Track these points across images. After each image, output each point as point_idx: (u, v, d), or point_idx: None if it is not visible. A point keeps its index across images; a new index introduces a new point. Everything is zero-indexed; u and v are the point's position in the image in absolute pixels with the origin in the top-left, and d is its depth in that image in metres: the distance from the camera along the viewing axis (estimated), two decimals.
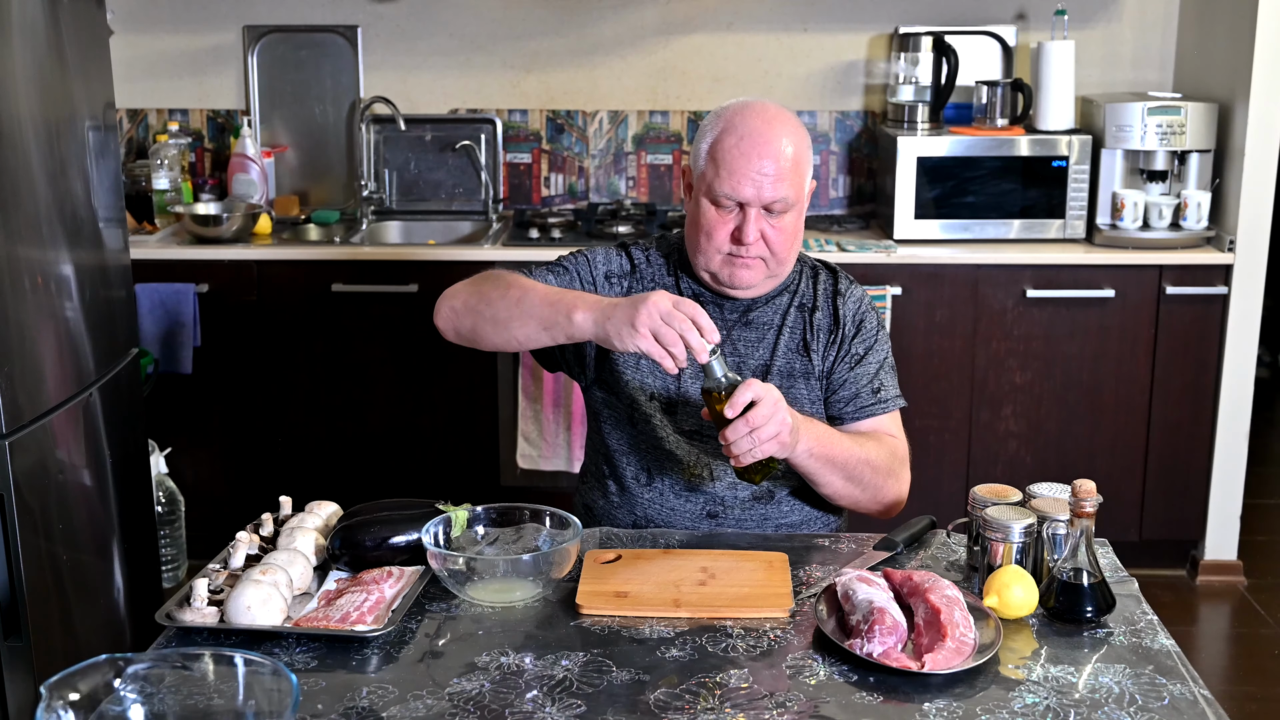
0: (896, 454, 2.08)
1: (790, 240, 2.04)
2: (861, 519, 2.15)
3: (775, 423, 1.81)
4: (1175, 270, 3.54)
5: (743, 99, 2.06)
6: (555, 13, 3.98)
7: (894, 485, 2.06)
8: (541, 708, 1.48)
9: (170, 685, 1.37)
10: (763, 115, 2.00)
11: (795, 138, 2.01)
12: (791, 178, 1.99)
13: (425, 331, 3.59)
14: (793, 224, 2.03)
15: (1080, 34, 3.89)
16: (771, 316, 2.12)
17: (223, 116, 4.08)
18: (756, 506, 2.09)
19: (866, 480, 2.01)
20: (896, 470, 2.07)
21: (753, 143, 1.98)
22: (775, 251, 2.02)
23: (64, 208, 2.58)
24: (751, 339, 2.11)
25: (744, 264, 2.03)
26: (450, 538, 1.79)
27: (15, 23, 2.38)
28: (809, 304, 2.13)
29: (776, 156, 1.98)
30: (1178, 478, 3.68)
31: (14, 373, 2.35)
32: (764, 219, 2.00)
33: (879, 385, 2.11)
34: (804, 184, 2.04)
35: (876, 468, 2.02)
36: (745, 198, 1.98)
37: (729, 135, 1.99)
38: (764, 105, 2.03)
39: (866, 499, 2.05)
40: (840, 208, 4.09)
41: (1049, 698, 1.50)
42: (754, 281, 2.06)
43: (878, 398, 2.11)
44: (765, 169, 1.97)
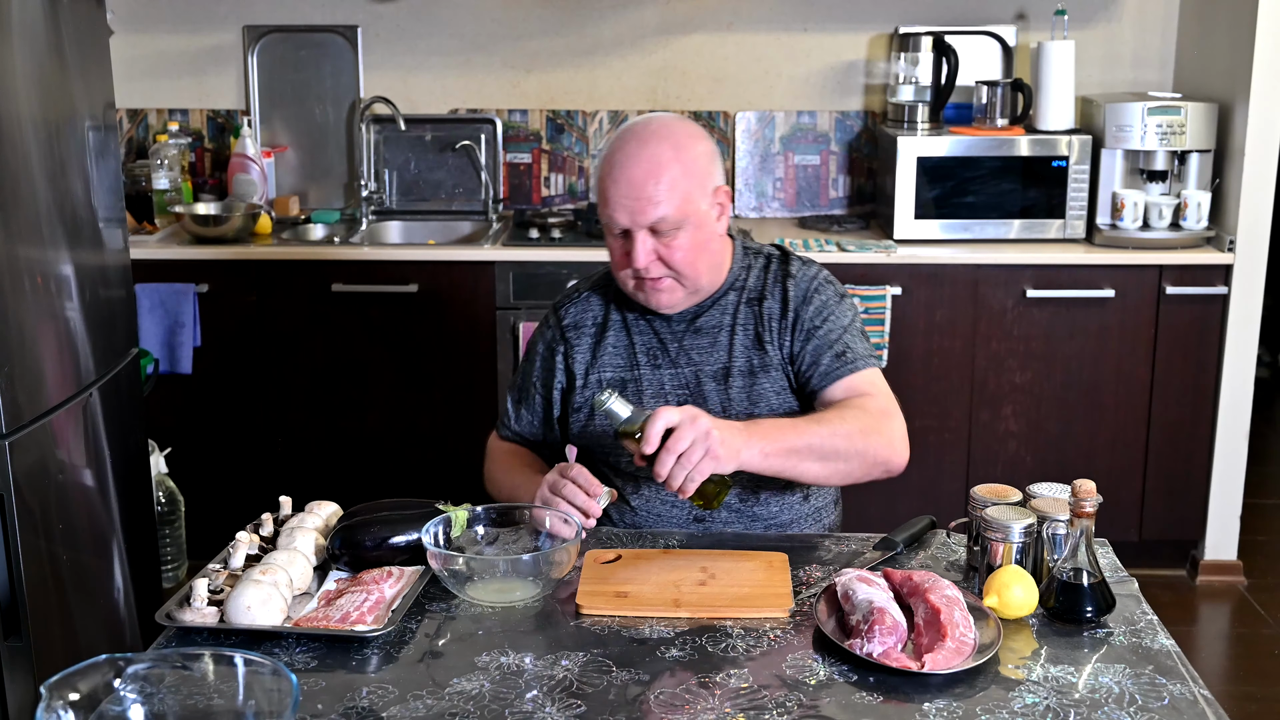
0: (873, 411, 1.99)
1: (692, 256, 2.00)
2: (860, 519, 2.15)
3: (701, 442, 1.76)
4: (1175, 270, 3.54)
5: (634, 119, 2.04)
6: (555, 13, 3.98)
7: (879, 442, 1.96)
8: (541, 708, 1.48)
9: (170, 685, 1.37)
10: (638, 138, 1.98)
11: (675, 154, 1.97)
12: (670, 196, 1.95)
13: (425, 331, 3.61)
14: (691, 240, 1.99)
15: (1080, 34, 3.89)
16: (720, 318, 2.10)
17: (223, 116, 4.08)
18: (744, 508, 2.08)
19: (844, 451, 1.93)
20: (878, 427, 1.97)
21: (623, 169, 1.96)
22: (680, 270, 2.01)
23: (64, 208, 2.58)
24: (704, 345, 2.10)
25: (654, 287, 2.02)
26: (450, 538, 1.79)
27: (15, 23, 2.38)
28: (757, 295, 2.10)
29: (648, 179, 1.95)
30: (1178, 478, 3.68)
31: (14, 373, 2.35)
32: (654, 240, 1.98)
33: (843, 349, 2.05)
34: (693, 199, 1.98)
35: (850, 434, 1.93)
36: (623, 224, 1.98)
37: (606, 163, 2.00)
38: (644, 125, 2.01)
39: (856, 469, 1.96)
40: (840, 208, 4.09)
41: (1049, 698, 1.50)
42: (673, 302, 2.05)
43: (843, 360, 2.04)
44: (636, 193, 1.95)
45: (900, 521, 1.98)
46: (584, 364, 2.13)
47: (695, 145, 2.01)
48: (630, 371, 2.11)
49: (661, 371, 2.09)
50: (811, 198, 4.09)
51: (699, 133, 2.04)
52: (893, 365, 3.55)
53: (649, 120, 2.03)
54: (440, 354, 3.62)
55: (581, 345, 2.14)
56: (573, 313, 2.17)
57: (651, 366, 2.10)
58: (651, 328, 2.12)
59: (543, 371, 2.18)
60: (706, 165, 2.02)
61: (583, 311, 2.16)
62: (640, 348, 2.11)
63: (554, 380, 2.16)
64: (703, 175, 2.00)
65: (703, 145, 2.02)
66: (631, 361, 2.11)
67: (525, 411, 2.21)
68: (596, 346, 2.13)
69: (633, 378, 2.10)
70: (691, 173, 1.98)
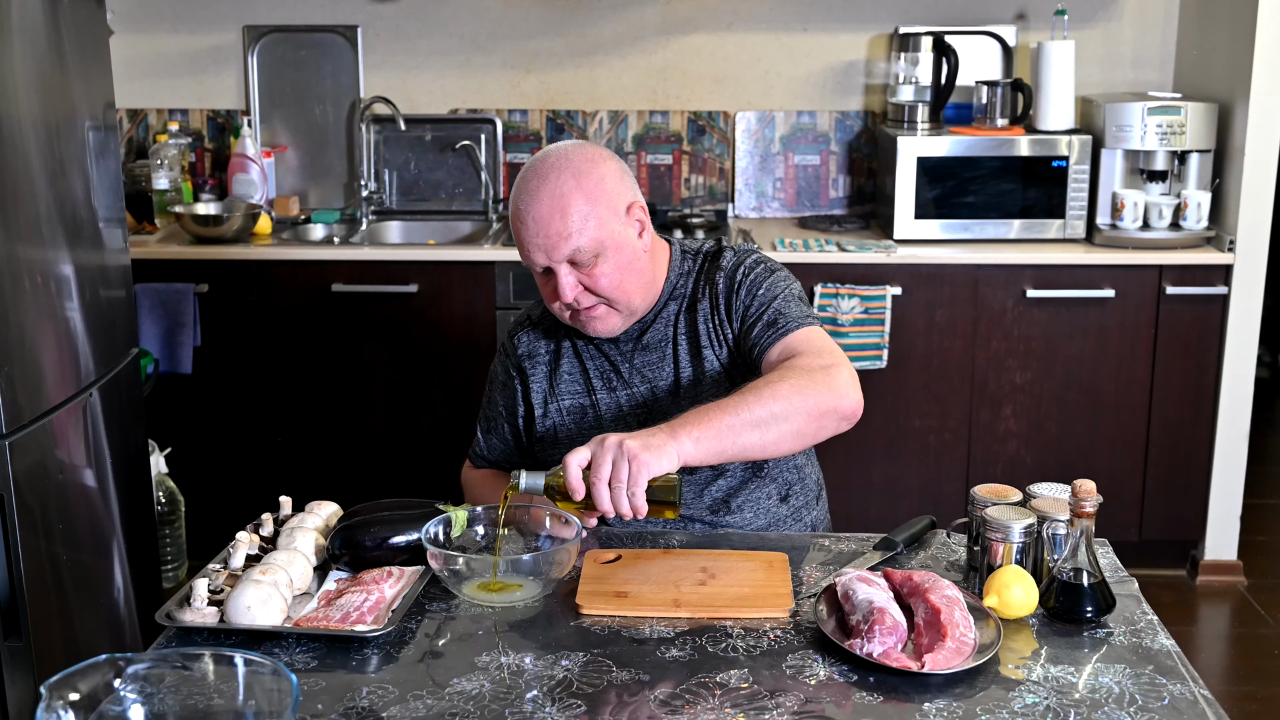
0: (808, 365, 1.88)
1: (617, 281, 1.98)
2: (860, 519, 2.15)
3: (622, 459, 1.68)
4: (1175, 270, 3.54)
5: (536, 155, 2.01)
6: (555, 13, 3.98)
7: (820, 390, 1.84)
8: (541, 708, 1.48)
9: (170, 685, 1.37)
10: (538, 174, 1.95)
11: (576, 184, 1.93)
12: (581, 227, 1.93)
13: (425, 331, 3.61)
14: (613, 265, 1.96)
15: (1080, 34, 3.89)
16: (665, 330, 2.09)
17: (223, 116, 4.08)
18: (717, 519, 2.07)
19: (782, 412, 1.80)
20: (816, 377, 1.85)
21: (528, 207, 1.94)
22: (609, 296, 1.98)
23: (64, 208, 2.58)
24: (653, 360, 2.09)
25: (589, 315, 2.01)
26: (450, 538, 1.79)
27: (15, 23, 2.38)
28: (691, 300, 2.09)
29: (552, 215, 1.93)
30: (1178, 478, 3.68)
31: (14, 373, 2.35)
32: (576, 273, 1.96)
33: (773, 317, 1.99)
34: (604, 225, 1.94)
35: (782, 394, 1.81)
36: (541, 263, 1.96)
37: (513, 205, 1.98)
38: (544, 160, 1.97)
39: (806, 425, 1.83)
40: (840, 208, 4.09)
41: (1049, 698, 1.50)
42: (610, 327, 2.04)
43: (774, 327, 1.98)
44: (543, 230, 1.93)
45: (900, 521, 1.98)
46: (542, 393, 2.13)
47: (595, 169, 1.96)
48: (588, 397, 2.11)
49: (617, 394, 2.09)
50: (811, 198, 4.09)
51: (600, 155, 2.00)
52: (893, 365, 3.55)
53: (546, 154, 1.99)
54: (440, 354, 3.62)
55: (537, 375, 2.14)
56: (525, 342, 2.16)
57: (607, 390, 2.09)
58: (602, 352, 2.11)
59: (505, 399, 2.18)
60: (614, 186, 1.97)
61: (535, 340, 2.16)
62: (594, 373, 2.11)
63: (517, 409, 2.17)
64: (610, 197, 1.96)
65: (604, 167, 1.98)
66: (587, 387, 2.11)
67: (495, 440, 2.22)
68: (552, 375, 2.13)
69: (590, 403, 2.10)
70: (596, 198, 1.95)
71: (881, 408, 3.59)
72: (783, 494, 2.10)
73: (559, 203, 1.93)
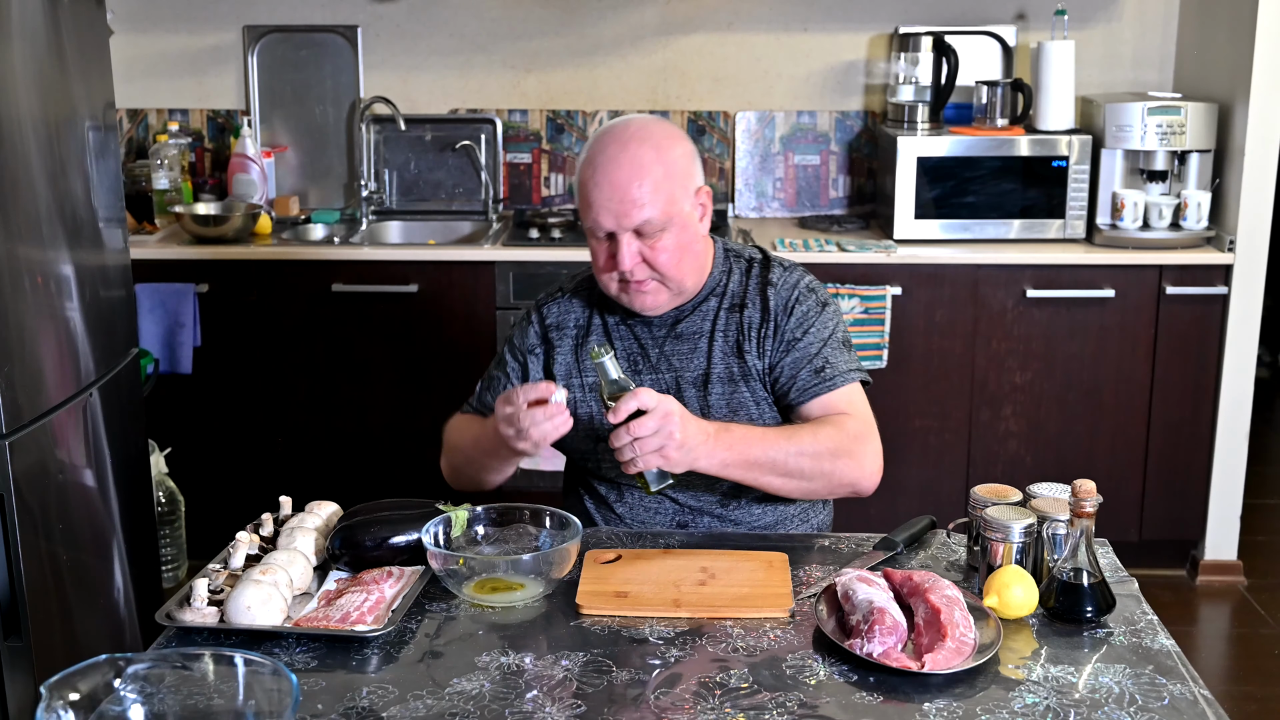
0: (847, 432, 1.98)
1: (676, 258, 1.99)
2: (860, 519, 2.15)
3: (660, 436, 1.78)
4: (1175, 270, 3.54)
5: (612, 122, 2.03)
6: (555, 13, 3.98)
7: (848, 465, 1.96)
8: (541, 708, 1.48)
9: (170, 685, 1.37)
10: (619, 140, 1.97)
11: (656, 155, 1.96)
12: (654, 198, 1.95)
13: (425, 331, 3.61)
14: (675, 242, 1.98)
15: (1080, 34, 3.89)
16: (701, 324, 2.09)
17: (223, 116, 4.08)
18: (726, 512, 2.08)
19: (808, 470, 1.93)
20: (849, 449, 1.97)
21: (605, 172, 1.95)
22: (664, 272, 2.00)
23: (64, 208, 2.58)
24: (684, 350, 2.09)
25: (638, 289, 2.02)
26: (450, 538, 1.79)
27: (15, 23, 2.39)
28: (738, 302, 2.09)
29: (631, 181, 1.94)
30: (1178, 478, 3.68)
31: (14, 373, 2.35)
32: (639, 242, 1.97)
33: (822, 364, 2.04)
34: (675, 199, 1.97)
35: (818, 454, 1.93)
36: (608, 227, 1.97)
37: (587, 166, 1.98)
38: (624, 127, 1.99)
39: (819, 488, 1.97)
40: (840, 208, 4.09)
41: (1049, 698, 1.50)
42: (656, 304, 2.04)
43: (821, 376, 2.03)
44: (620, 196, 1.94)
45: (900, 521, 1.98)
46: (566, 366, 2.12)
47: (675, 146, 2.00)
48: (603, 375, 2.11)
49: (642, 377, 2.09)
50: (811, 198, 4.09)
51: (678, 133, 2.04)
52: (893, 365, 3.55)
53: (627, 122, 2.01)
54: (440, 354, 3.62)
55: (563, 347, 2.13)
56: (555, 313, 2.16)
57: (632, 372, 2.09)
58: (633, 333, 2.11)
59: (519, 368, 2.16)
60: (687, 166, 2.01)
61: (565, 313, 2.15)
62: (622, 353, 2.10)
63: (530, 378, 2.14)
64: (684, 176, 2.00)
65: (682, 146, 2.02)
66: None
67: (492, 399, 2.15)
68: (578, 350, 2.12)
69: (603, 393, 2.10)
70: (673, 174, 1.97)
71: (881, 408, 3.57)
72: None
73: (638, 171, 1.95)
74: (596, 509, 2.14)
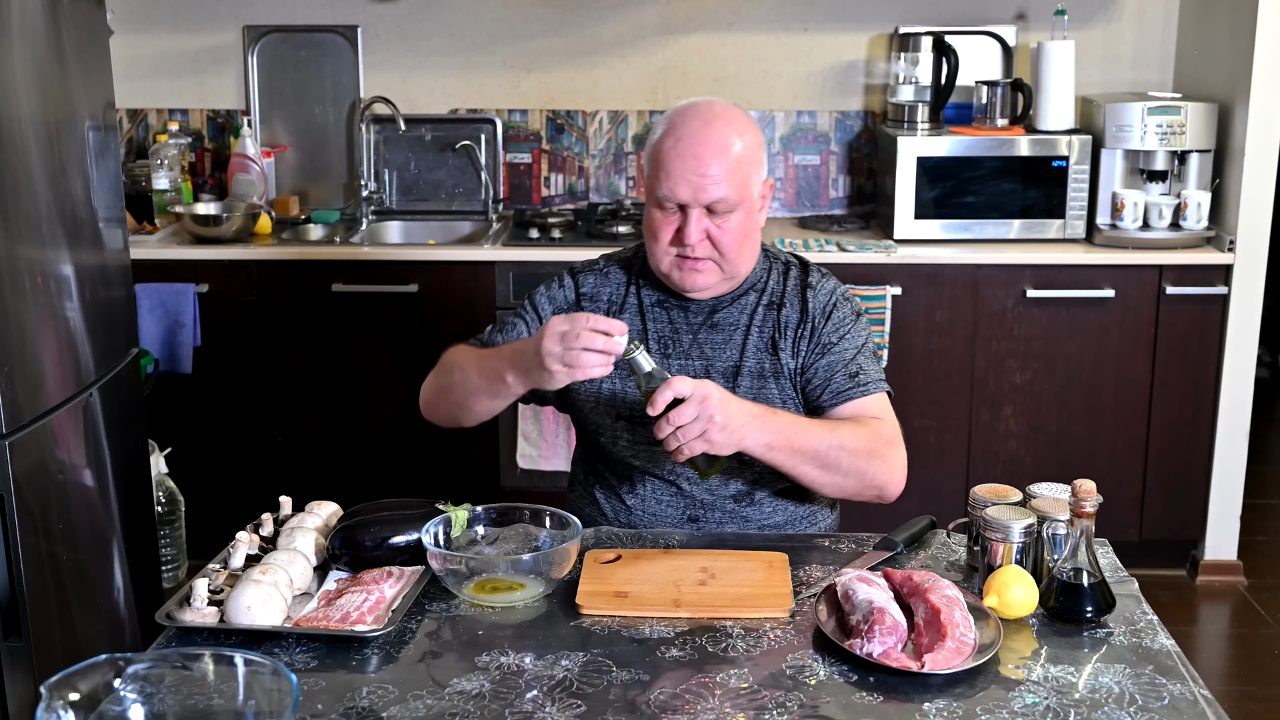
0: (880, 435, 2.00)
1: (739, 240, 2.01)
2: (860, 519, 2.15)
3: (701, 421, 1.79)
4: (1175, 270, 3.54)
5: (693, 99, 2.05)
6: (555, 13, 3.98)
7: (881, 467, 1.97)
8: (541, 708, 1.48)
9: (170, 685, 1.37)
10: (704, 115, 1.99)
11: (739, 137, 1.98)
12: (732, 178, 1.96)
13: (425, 331, 3.61)
14: (740, 224, 2.00)
15: (1080, 34, 3.89)
16: (738, 317, 2.10)
17: (223, 116, 4.08)
18: (738, 509, 2.08)
19: (845, 466, 1.94)
20: (882, 452, 1.98)
21: (689, 144, 1.96)
22: (724, 252, 2.01)
23: (64, 208, 2.58)
24: (718, 340, 2.09)
25: (693, 266, 2.02)
26: (450, 538, 1.79)
27: (15, 23, 2.38)
28: (777, 301, 2.10)
29: (714, 156, 1.96)
30: (1178, 478, 3.68)
31: (14, 373, 2.35)
32: (707, 219, 1.98)
33: (856, 369, 2.06)
34: (749, 183, 2.00)
35: (856, 451, 1.95)
36: (683, 199, 1.97)
37: (669, 137, 1.99)
38: (709, 105, 2.01)
39: (852, 485, 1.98)
40: (840, 208, 4.09)
41: (1049, 698, 1.50)
42: (707, 284, 2.05)
43: (855, 381, 2.05)
44: (702, 170, 1.95)
45: (900, 521, 1.98)
46: None
47: (754, 133, 2.03)
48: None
49: (671, 361, 2.09)
50: (811, 198, 4.09)
51: (754, 122, 2.06)
52: (893, 365, 3.55)
53: (710, 102, 2.03)
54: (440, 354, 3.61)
55: None
56: (591, 283, 2.16)
57: (662, 354, 2.09)
58: (668, 315, 2.11)
59: (539, 318, 2.14)
60: (761, 154, 2.04)
61: (601, 285, 2.15)
62: (653, 334, 2.10)
63: None
64: (758, 163, 2.03)
65: (758, 135, 2.04)
66: None
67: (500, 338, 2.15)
68: None
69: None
70: (751, 159, 2.00)
71: None
72: (800, 496, 2.11)
73: (723, 148, 1.96)
74: (607, 499, 2.13)
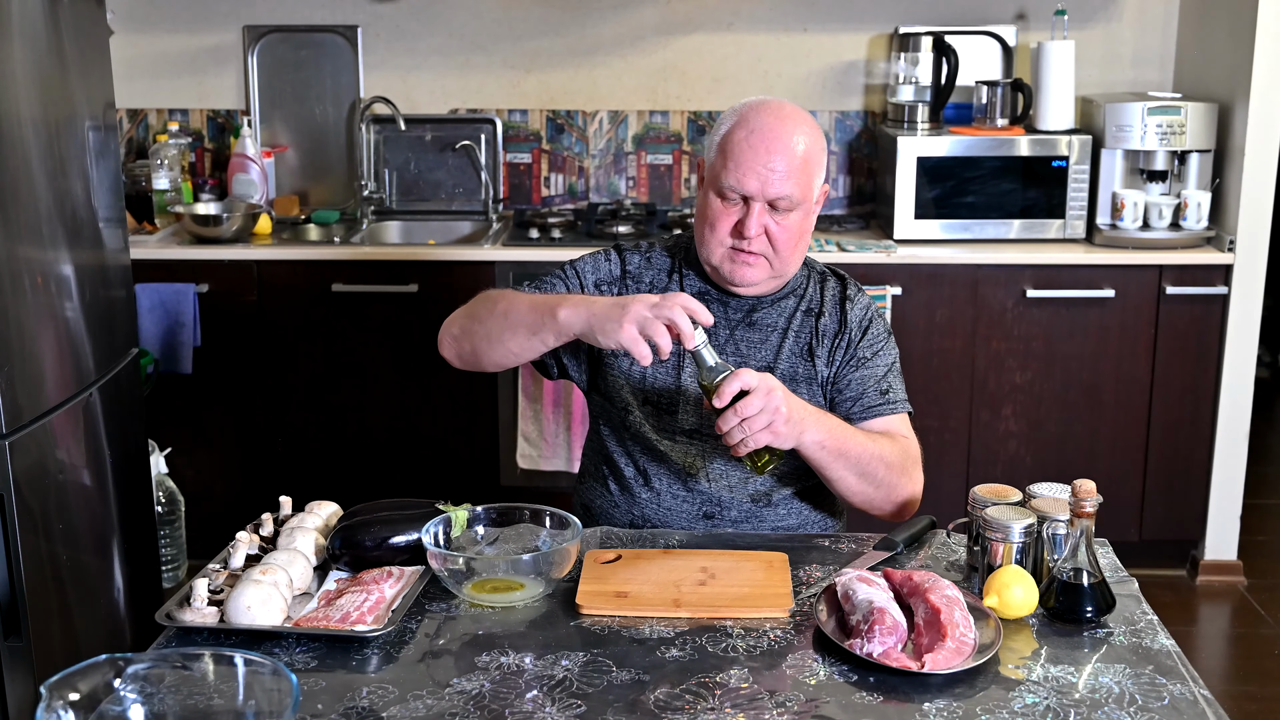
0: (909, 453, 2.05)
1: (795, 239, 2.03)
2: (861, 519, 2.15)
3: (767, 413, 1.81)
4: (1175, 270, 3.54)
5: (763, 96, 2.07)
6: (555, 13, 3.98)
7: (907, 484, 2.03)
8: (541, 708, 1.48)
9: (170, 685, 1.37)
10: (777, 113, 2.01)
11: (808, 138, 2.01)
12: (799, 176, 1.99)
13: (425, 331, 3.60)
14: (798, 223, 2.02)
15: (1080, 34, 3.89)
16: (776, 319, 2.11)
17: (223, 116, 4.08)
18: (753, 509, 2.09)
19: (880, 477, 1.99)
20: (910, 469, 2.04)
21: (762, 137, 1.98)
22: (778, 249, 2.02)
23: (64, 208, 2.58)
24: (755, 340, 2.10)
25: (745, 260, 2.02)
26: (450, 538, 1.79)
27: (15, 23, 2.39)
28: (816, 309, 2.12)
29: (784, 153, 1.97)
30: (1178, 478, 3.68)
31: (14, 373, 2.35)
32: (768, 215, 1.99)
33: (887, 387, 2.10)
34: (812, 184, 2.03)
35: (890, 465, 1.99)
36: (750, 191, 1.98)
37: (740, 129, 2.00)
38: (780, 104, 2.03)
39: (880, 497, 2.01)
40: (840, 208, 4.09)
41: (1049, 698, 1.50)
42: (756, 279, 2.05)
43: (886, 399, 2.09)
44: (772, 164, 1.97)
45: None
46: None
47: (820, 137, 2.05)
48: (676, 345, 2.09)
49: None
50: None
51: (820, 128, 2.08)
52: None
53: (781, 101, 2.04)
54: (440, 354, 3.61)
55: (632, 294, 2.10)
56: (635, 262, 2.16)
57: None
58: (709, 309, 2.10)
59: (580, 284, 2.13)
60: (823, 159, 2.06)
61: (643, 267, 2.16)
62: None
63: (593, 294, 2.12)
64: (820, 167, 2.05)
65: (823, 139, 2.06)
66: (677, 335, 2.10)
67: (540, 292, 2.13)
68: None
69: (676, 352, 2.08)
70: (815, 161, 2.02)
71: None
72: (815, 501, 2.13)
73: (793, 145, 1.98)
74: (621, 493, 2.13)
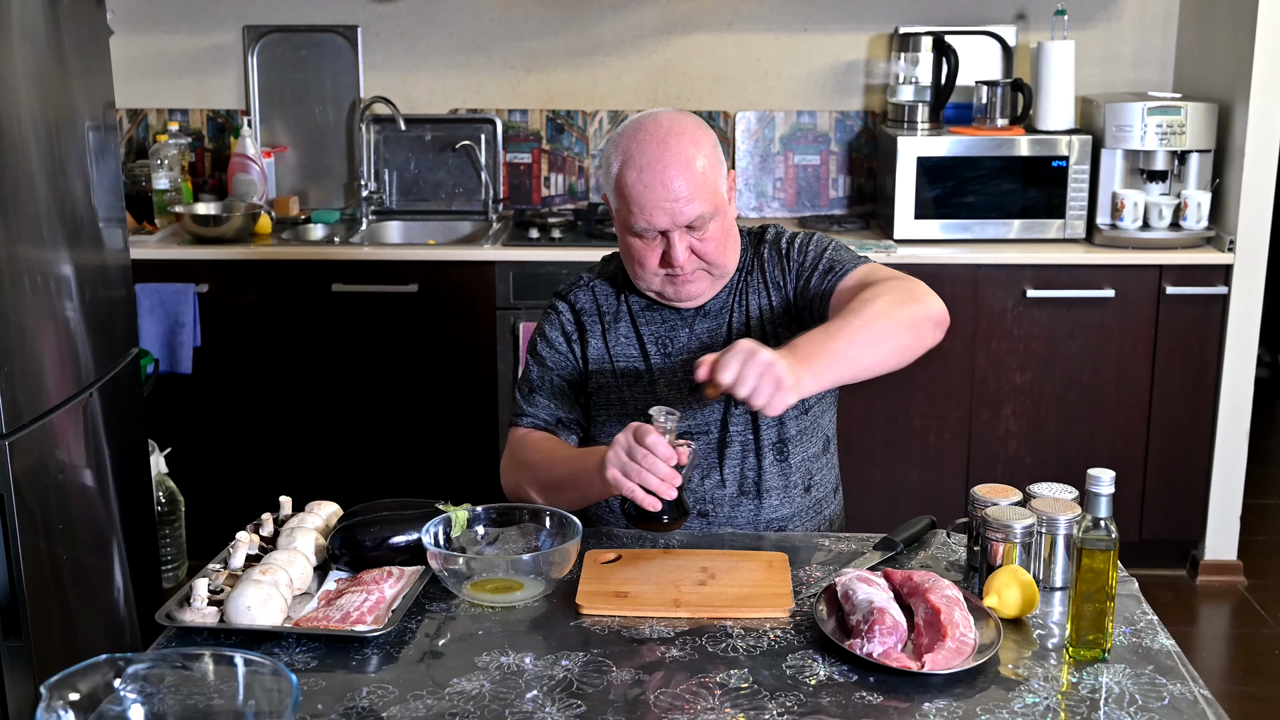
0: (885, 282, 1.95)
1: (722, 243, 2.02)
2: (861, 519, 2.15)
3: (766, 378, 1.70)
4: (1175, 270, 3.54)
5: (637, 116, 2.02)
6: (555, 13, 3.98)
7: (913, 303, 1.93)
8: (541, 708, 1.48)
9: (170, 685, 1.37)
10: (656, 136, 1.96)
11: (694, 148, 1.96)
12: (703, 192, 1.96)
13: (425, 331, 3.61)
14: (719, 230, 2.00)
15: (1080, 34, 3.89)
16: (727, 299, 2.11)
17: (223, 116, 4.08)
18: (745, 502, 2.08)
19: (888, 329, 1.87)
20: (901, 290, 1.94)
21: (653, 173, 1.94)
22: (711, 260, 2.02)
23: (64, 208, 2.58)
24: (714, 327, 2.11)
25: (684, 280, 2.02)
26: (450, 538, 1.79)
27: (15, 23, 2.38)
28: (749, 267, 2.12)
29: (681, 176, 1.94)
30: (1178, 478, 3.68)
31: (14, 373, 2.35)
32: (689, 236, 1.98)
33: (830, 264, 2.04)
34: (719, 190, 2.00)
35: (885, 312, 1.88)
36: (662, 226, 1.97)
37: (629, 169, 1.96)
38: (655, 123, 1.99)
39: (911, 338, 1.91)
40: (840, 208, 4.09)
41: (1049, 698, 1.50)
42: (699, 292, 2.06)
43: (834, 272, 2.03)
44: (672, 195, 1.94)
45: (900, 521, 1.98)
46: (599, 351, 2.12)
47: (707, 136, 2.02)
48: (643, 362, 2.11)
49: (672, 359, 2.09)
50: (811, 198, 4.09)
51: (702, 122, 2.05)
52: None
53: (656, 118, 2.00)
54: (440, 354, 3.62)
55: (594, 334, 2.13)
56: (582, 299, 2.16)
57: (662, 355, 2.10)
58: (660, 315, 2.11)
59: (563, 356, 2.14)
60: (719, 153, 2.04)
61: (590, 299, 2.16)
62: (649, 337, 2.11)
63: (570, 365, 2.14)
64: (719, 164, 2.03)
65: (711, 135, 2.04)
66: (642, 352, 2.11)
67: (541, 398, 2.14)
68: (606, 335, 2.12)
69: (645, 369, 2.10)
70: (712, 164, 2.00)
71: (881, 408, 3.59)
72: (805, 484, 2.12)
73: (687, 167, 1.95)
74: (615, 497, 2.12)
